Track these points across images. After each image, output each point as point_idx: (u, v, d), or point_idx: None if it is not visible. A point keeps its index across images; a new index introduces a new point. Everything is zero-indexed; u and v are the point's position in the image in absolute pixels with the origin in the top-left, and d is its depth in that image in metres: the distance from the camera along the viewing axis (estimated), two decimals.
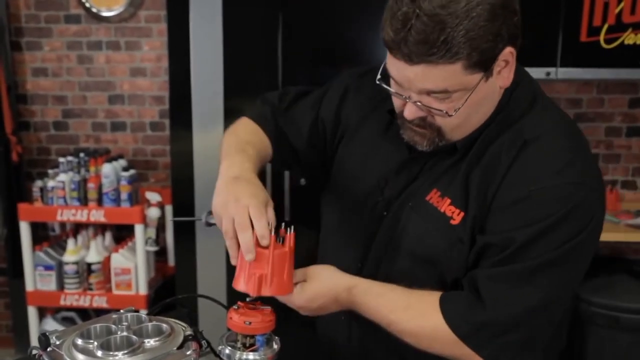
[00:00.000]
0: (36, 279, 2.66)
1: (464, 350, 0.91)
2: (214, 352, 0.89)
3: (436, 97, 0.87)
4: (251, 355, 0.87)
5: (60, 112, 2.93)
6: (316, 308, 0.98)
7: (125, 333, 0.86)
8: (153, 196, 2.71)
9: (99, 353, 0.81)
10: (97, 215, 2.56)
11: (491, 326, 0.90)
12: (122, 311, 0.93)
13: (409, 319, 0.95)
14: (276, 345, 0.90)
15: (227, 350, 0.88)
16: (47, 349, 0.85)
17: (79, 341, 0.84)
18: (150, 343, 0.84)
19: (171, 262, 2.82)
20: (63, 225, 2.84)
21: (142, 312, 0.94)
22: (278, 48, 2.27)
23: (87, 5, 2.77)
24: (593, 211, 0.89)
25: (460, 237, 0.93)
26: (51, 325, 2.73)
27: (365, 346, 1.09)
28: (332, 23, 2.28)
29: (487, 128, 0.94)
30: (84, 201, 2.59)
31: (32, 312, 2.71)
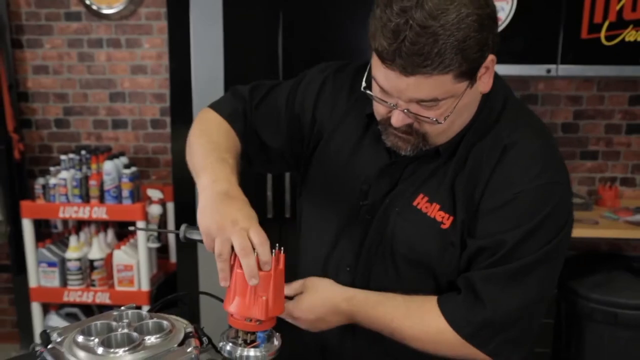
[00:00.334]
0: (39, 276, 2.66)
1: (470, 349, 0.94)
2: (215, 349, 0.89)
3: (425, 105, 0.87)
4: (252, 351, 0.86)
5: (61, 110, 2.92)
6: (315, 319, 0.97)
7: (126, 330, 0.85)
8: (154, 193, 2.71)
9: (100, 350, 0.80)
10: (99, 212, 2.56)
11: (493, 324, 0.93)
12: (123, 308, 0.92)
13: (412, 326, 0.96)
14: (277, 341, 0.90)
15: (228, 346, 0.87)
16: (48, 346, 0.84)
17: (80, 338, 0.83)
18: (151, 340, 0.83)
19: (173, 259, 2.82)
20: (65, 222, 2.83)
21: (144, 308, 0.93)
22: (278, 46, 2.26)
23: (88, 2, 2.76)
24: (569, 207, 0.96)
25: (452, 241, 0.96)
26: (55, 321, 2.74)
27: (358, 348, 1.08)
28: (332, 22, 2.27)
29: (468, 131, 0.96)
30: (86, 198, 2.59)
31: (36, 308, 2.71)
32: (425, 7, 0.79)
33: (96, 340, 0.82)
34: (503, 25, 2.23)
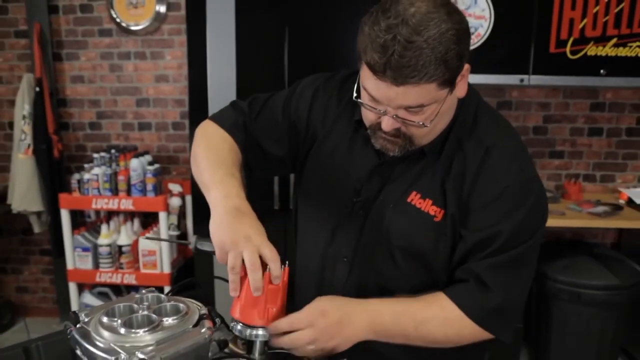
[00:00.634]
0: (75, 259, 2.65)
1: (484, 334, 0.92)
2: (227, 327, 0.86)
3: (412, 111, 0.85)
4: (261, 330, 0.84)
5: (94, 114, 2.90)
6: (325, 326, 0.84)
7: (146, 312, 0.83)
8: (175, 187, 2.70)
9: (122, 330, 0.78)
10: (127, 203, 2.54)
11: (502, 308, 0.92)
12: (144, 292, 0.90)
13: (436, 329, 0.91)
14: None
15: (239, 326, 0.84)
16: (77, 325, 0.82)
17: (105, 319, 0.81)
18: (168, 321, 0.81)
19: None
20: (97, 212, 2.82)
21: (164, 291, 0.91)
22: (284, 58, 2.24)
23: (118, 20, 2.73)
24: (545, 198, 0.96)
25: (444, 232, 0.94)
26: (89, 298, 2.73)
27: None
28: (332, 37, 2.25)
29: (450, 133, 0.94)
30: (115, 191, 2.57)
31: (73, 287, 2.70)
32: (409, 24, 0.77)
33: (119, 321, 0.80)
34: (482, 40, 2.21)
